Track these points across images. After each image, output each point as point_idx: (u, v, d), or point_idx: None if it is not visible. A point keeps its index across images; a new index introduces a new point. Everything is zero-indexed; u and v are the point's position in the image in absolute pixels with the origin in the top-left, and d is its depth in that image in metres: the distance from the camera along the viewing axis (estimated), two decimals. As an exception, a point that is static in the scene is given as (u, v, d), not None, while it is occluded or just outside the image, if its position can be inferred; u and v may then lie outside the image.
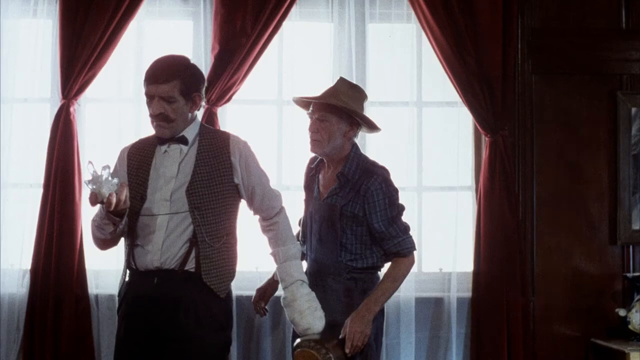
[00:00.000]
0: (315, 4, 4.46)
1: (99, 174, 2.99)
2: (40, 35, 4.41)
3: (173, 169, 3.22)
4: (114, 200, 3.00)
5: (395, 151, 4.45)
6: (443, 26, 4.29)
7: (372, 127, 3.62)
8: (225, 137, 3.33)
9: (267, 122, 4.50)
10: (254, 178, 3.29)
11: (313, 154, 3.63)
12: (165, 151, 3.26)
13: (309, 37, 4.53)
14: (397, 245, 3.47)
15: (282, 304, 3.30)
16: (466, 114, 4.41)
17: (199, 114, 4.22)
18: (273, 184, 3.45)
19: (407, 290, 4.29)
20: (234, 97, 4.36)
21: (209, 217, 3.18)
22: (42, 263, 4.22)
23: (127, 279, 3.28)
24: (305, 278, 3.34)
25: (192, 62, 3.31)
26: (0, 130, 4.37)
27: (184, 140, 3.25)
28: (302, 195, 3.70)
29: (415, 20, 4.40)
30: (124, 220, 3.18)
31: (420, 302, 4.35)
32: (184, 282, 3.15)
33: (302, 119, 3.65)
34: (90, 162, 3.01)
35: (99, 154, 4.17)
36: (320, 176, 3.59)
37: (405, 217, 3.70)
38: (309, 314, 3.24)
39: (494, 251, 4.29)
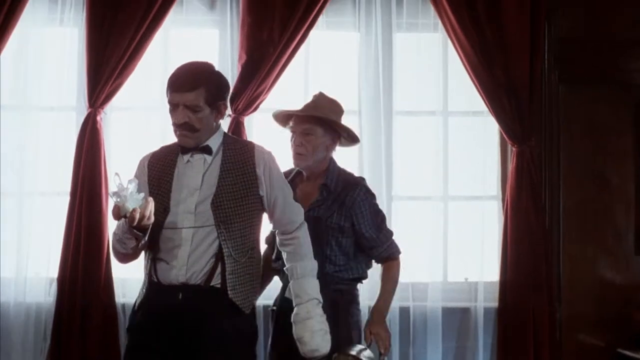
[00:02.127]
0: (342, 14, 4.45)
1: (125, 186, 2.91)
2: (67, 44, 4.40)
3: (197, 180, 3.13)
4: (137, 215, 2.91)
5: (421, 160, 4.46)
6: (470, 36, 4.29)
7: (352, 140, 3.68)
8: (249, 148, 3.24)
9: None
10: (277, 190, 3.22)
11: (286, 169, 3.63)
12: (188, 161, 3.17)
13: (336, 46, 4.53)
14: (387, 249, 3.60)
15: (292, 319, 3.21)
16: (491, 124, 4.41)
17: (225, 123, 4.30)
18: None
19: (434, 300, 4.30)
20: (260, 106, 4.35)
21: (234, 231, 3.10)
22: (69, 271, 4.20)
23: (144, 291, 3.20)
24: (321, 298, 3.23)
25: (217, 69, 3.23)
26: (28, 138, 4.36)
27: (208, 150, 3.16)
28: None
29: (442, 29, 4.39)
30: (147, 236, 3.09)
31: (447, 312, 4.34)
32: (209, 299, 3.07)
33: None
34: (117, 174, 2.93)
35: (126, 163, 4.15)
36: (298, 190, 3.58)
37: (431, 227, 3.79)
38: (319, 336, 3.16)
39: (520, 260, 4.28)
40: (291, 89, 4.47)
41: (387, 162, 4.41)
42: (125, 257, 3.20)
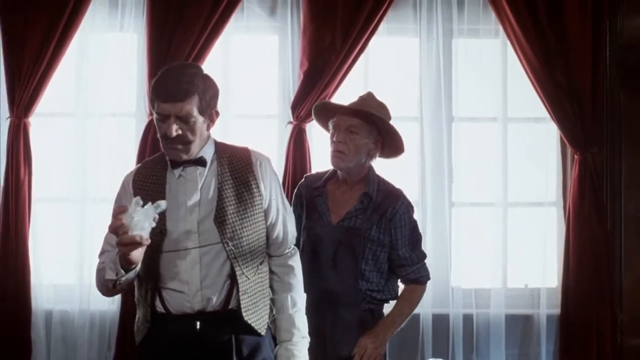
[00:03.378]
0: (404, 20, 4.42)
1: (145, 208, 2.63)
2: (127, 50, 4.38)
3: (195, 195, 2.86)
4: (125, 236, 2.61)
5: (481, 167, 4.45)
6: (532, 41, 4.27)
7: (396, 149, 3.51)
8: (245, 154, 2.97)
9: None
10: (274, 201, 2.97)
11: (306, 175, 3.61)
12: (180, 175, 2.89)
13: (396, 52, 4.51)
14: (416, 272, 3.44)
15: (276, 352, 2.96)
16: (552, 130, 4.41)
17: (287, 130, 4.28)
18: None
19: (497, 307, 4.30)
20: (322, 114, 4.34)
21: (243, 246, 2.85)
22: (132, 279, 4.20)
23: (147, 324, 2.90)
24: (308, 336, 3.00)
25: (205, 71, 2.93)
26: (88, 145, 4.35)
27: (201, 162, 2.88)
28: None
29: (502, 35, 4.38)
30: (124, 278, 2.76)
31: (510, 319, 4.33)
32: (230, 324, 2.85)
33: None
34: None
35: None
36: (327, 198, 3.46)
37: (491, 233, 3.68)
38: None
39: (582, 267, 4.28)
40: (352, 95, 4.43)
41: (448, 168, 4.40)
42: (105, 290, 2.89)
